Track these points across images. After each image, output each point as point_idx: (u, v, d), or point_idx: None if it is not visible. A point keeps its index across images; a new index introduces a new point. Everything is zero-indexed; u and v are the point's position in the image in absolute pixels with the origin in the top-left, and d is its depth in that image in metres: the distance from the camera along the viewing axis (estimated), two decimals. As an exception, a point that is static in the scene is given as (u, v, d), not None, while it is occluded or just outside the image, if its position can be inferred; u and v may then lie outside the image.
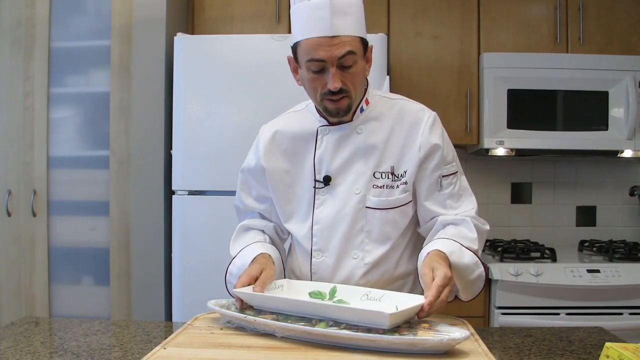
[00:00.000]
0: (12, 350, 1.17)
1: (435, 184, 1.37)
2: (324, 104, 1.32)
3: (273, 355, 1.03)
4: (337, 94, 1.28)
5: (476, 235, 1.33)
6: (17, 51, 2.55)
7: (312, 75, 1.29)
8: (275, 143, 1.44)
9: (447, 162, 1.38)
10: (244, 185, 1.51)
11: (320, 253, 1.39)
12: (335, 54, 1.25)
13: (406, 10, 2.70)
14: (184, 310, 2.31)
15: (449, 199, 1.38)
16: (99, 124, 2.58)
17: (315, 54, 1.26)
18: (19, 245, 2.55)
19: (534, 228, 2.98)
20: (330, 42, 1.24)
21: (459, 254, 1.27)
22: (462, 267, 1.26)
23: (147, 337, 1.30)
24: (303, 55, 1.29)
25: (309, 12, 1.27)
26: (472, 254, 1.30)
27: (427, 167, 1.36)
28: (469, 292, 1.31)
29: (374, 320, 1.06)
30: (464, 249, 1.29)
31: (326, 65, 1.26)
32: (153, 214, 2.44)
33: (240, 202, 1.52)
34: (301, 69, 1.33)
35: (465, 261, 1.27)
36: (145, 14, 2.47)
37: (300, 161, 1.42)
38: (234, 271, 1.41)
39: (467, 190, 1.43)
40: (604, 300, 2.28)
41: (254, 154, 1.47)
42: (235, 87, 2.33)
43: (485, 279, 1.32)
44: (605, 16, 2.66)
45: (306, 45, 1.27)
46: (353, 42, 1.27)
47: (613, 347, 0.95)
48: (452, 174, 1.39)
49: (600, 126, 2.57)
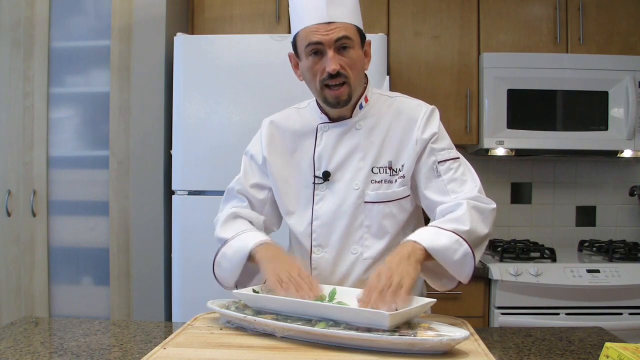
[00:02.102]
0: (11, 350, 1.17)
1: (431, 171, 1.36)
2: (324, 93, 1.34)
3: (273, 355, 1.03)
4: (336, 78, 1.31)
5: (464, 212, 1.27)
6: (17, 51, 2.55)
7: (311, 62, 1.33)
8: (277, 137, 1.46)
9: (441, 148, 1.38)
10: (248, 168, 1.49)
11: (320, 249, 1.40)
12: (332, 37, 1.30)
13: (406, 10, 2.70)
14: (183, 310, 2.31)
15: (450, 183, 1.35)
16: (98, 124, 2.58)
17: (312, 37, 1.31)
18: (19, 245, 2.55)
19: (534, 228, 2.98)
20: (326, 27, 1.30)
21: (434, 237, 1.24)
22: (441, 249, 1.23)
23: (147, 337, 1.30)
24: (302, 43, 1.33)
25: (305, 4, 1.33)
26: (452, 233, 1.24)
27: (423, 157, 1.37)
28: (459, 273, 1.26)
29: (374, 320, 1.06)
30: (441, 230, 1.25)
31: (323, 48, 1.30)
32: (153, 214, 2.44)
33: (239, 184, 1.48)
34: (301, 61, 1.37)
35: (443, 242, 1.23)
36: (145, 14, 2.47)
37: (299, 157, 1.43)
38: (229, 253, 1.37)
39: (470, 173, 1.38)
40: (603, 300, 2.28)
41: (259, 144, 1.48)
42: (235, 87, 2.33)
43: (473, 257, 1.24)
44: (605, 16, 2.66)
45: (304, 33, 1.32)
46: (349, 29, 1.32)
47: (613, 347, 0.95)
48: (451, 160, 1.37)
49: (600, 126, 2.57)
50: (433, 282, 1.33)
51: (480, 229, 1.28)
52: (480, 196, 1.33)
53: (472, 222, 1.26)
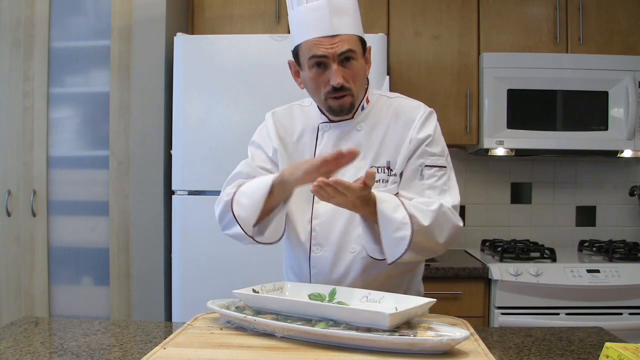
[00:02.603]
0: (11, 350, 1.17)
1: (415, 172, 1.37)
2: (328, 103, 1.36)
3: (273, 355, 1.03)
4: (339, 90, 1.32)
5: (433, 209, 1.27)
6: (17, 51, 2.55)
7: (314, 74, 1.33)
8: (281, 130, 1.46)
9: (433, 153, 1.38)
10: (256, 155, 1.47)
11: (319, 247, 1.40)
12: (336, 51, 1.30)
13: (406, 10, 2.70)
14: (183, 310, 2.31)
15: (429, 189, 1.35)
16: (98, 124, 2.58)
17: (317, 50, 1.31)
18: (19, 245, 2.55)
19: (534, 228, 2.98)
20: (331, 40, 1.30)
21: (391, 206, 1.24)
22: (388, 219, 1.23)
23: (146, 337, 1.30)
24: (305, 55, 1.33)
25: (308, 15, 1.32)
26: (407, 214, 1.23)
27: (413, 156, 1.38)
28: (390, 252, 1.26)
29: (374, 320, 1.06)
30: (402, 207, 1.25)
31: (328, 61, 1.31)
32: (153, 214, 2.44)
33: (248, 167, 1.45)
34: (303, 71, 1.37)
35: (394, 215, 1.23)
36: (145, 14, 2.47)
37: (300, 155, 1.44)
38: (248, 190, 1.33)
39: (453, 189, 1.38)
40: (603, 300, 2.28)
41: (266, 136, 1.47)
42: (235, 87, 2.33)
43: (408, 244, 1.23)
44: (605, 16, 2.66)
45: (308, 45, 1.32)
46: (352, 41, 1.32)
47: (613, 347, 0.95)
48: (438, 167, 1.38)
49: (600, 126, 2.57)
50: (367, 243, 1.31)
51: (437, 235, 1.28)
52: (454, 210, 1.34)
53: (433, 223, 1.26)
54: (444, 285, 2.31)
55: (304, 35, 1.33)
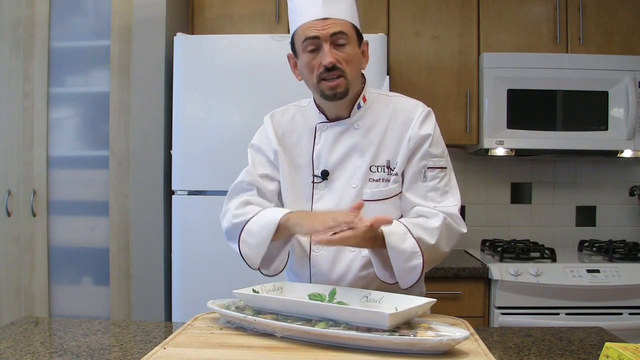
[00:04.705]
0: (11, 350, 1.17)
1: (418, 174, 1.38)
2: (321, 87, 1.36)
3: (273, 355, 1.03)
4: (332, 71, 1.32)
5: (437, 226, 1.31)
6: (17, 51, 2.55)
7: (308, 58, 1.35)
8: (280, 132, 1.47)
9: (435, 154, 1.39)
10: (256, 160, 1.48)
11: (319, 247, 1.40)
12: (327, 32, 1.32)
13: (406, 10, 2.70)
14: (183, 310, 2.31)
15: (431, 191, 1.38)
16: (98, 124, 2.58)
17: (309, 32, 1.33)
18: (19, 245, 2.55)
19: (534, 228, 2.98)
20: (322, 22, 1.33)
21: (400, 237, 1.27)
22: (398, 251, 1.26)
23: (146, 337, 1.30)
24: (299, 40, 1.36)
25: (303, 2, 1.35)
26: (415, 243, 1.27)
27: (414, 157, 1.39)
28: (403, 280, 1.30)
29: (374, 320, 1.06)
30: (409, 235, 1.28)
31: (320, 43, 1.33)
32: (153, 214, 2.44)
33: (249, 175, 1.46)
34: (299, 59, 1.39)
35: (403, 246, 1.26)
36: (145, 14, 2.47)
37: (299, 156, 1.44)
38: (254, 229, 1.35)
39: (454, 189, 1.42)
40: (603, 300, 2.28)
41: (266, 138, 1.48)
42: (235, 87, 2.33)
43: (421, 272, 1.28)
44: (605, 16, 2.66)
45: (301, 30, 1.35)
46: (345, 25, 1.34)
47: (613, 347, 0.95)
48: (440, 168, 1.40)
49: (600, 126, 2.57)
50: (377, 270, 1.34)
51: (443, 246, 1.33)
52: (458, 216, 1.36)
53: (439, 239, 1.31)
54: (444, 285, 2.31)
55: (298, 21, 1.35)
